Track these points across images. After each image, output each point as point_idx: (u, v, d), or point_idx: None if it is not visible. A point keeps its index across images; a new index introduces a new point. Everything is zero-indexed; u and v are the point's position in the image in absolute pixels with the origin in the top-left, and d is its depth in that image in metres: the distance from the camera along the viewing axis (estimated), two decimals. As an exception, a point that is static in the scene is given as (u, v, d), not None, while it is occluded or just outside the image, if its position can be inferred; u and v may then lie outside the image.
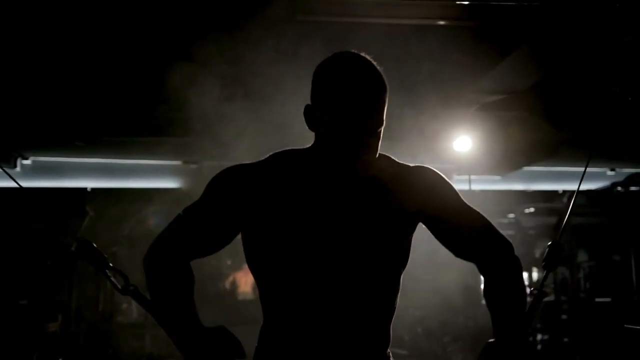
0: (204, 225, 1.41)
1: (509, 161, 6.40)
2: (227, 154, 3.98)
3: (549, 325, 6.74)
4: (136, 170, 6.68)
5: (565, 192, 7.63)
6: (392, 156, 1.51)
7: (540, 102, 4.75)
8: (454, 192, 1.51)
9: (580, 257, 7.61)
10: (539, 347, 6.76)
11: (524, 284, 1.48)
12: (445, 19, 3.57)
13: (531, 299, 1.46)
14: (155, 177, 6.82)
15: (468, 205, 1.51)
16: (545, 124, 5.15)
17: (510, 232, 6.94)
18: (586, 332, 6.24)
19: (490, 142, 5.49)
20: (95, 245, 1.42)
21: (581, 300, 7.03)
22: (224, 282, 7.44)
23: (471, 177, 5.70)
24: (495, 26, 3.62)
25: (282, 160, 1.45)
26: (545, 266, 1.51)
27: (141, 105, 4.79)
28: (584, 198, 7.15)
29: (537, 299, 1.45)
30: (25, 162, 6.27)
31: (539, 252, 7.46)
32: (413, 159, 1.56)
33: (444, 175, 1.52)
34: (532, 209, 7.62)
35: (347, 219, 1.40)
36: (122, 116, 5.08)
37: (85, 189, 6.77)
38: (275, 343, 1.43)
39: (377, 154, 1.39)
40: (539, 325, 6.70)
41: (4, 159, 5.89)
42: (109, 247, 5.80)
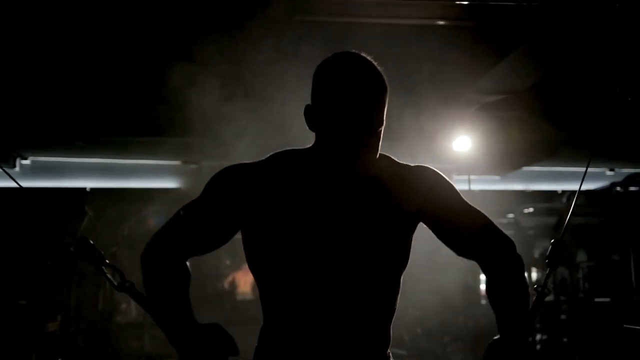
0: (202, 223, 1.41)
1: (508, 161, 6.40)
2: (227, 154, 3.97)
3: (548, 325, 6.75)
4: (136, 170, 6.67)
5: (564, 192, 7.63)
6: (392, 156, 1.51)
7: (539, 102, 4.75)
8: (455, 191, 1.51)
9: (580, 257, 7.61)
10: (538, 347, 6.77)
11: (527, 282, 1.48)
12: (444, 19, 3.57)
13: (533, 297, 1.46)
14: (155, 177, 6.81)
15: (469, 204, 1.51)
16: (545, 124, 5.15)
17: (510, 232, 6.83)
18: (585, 332, 6.24)
19: (490, 142, 5.49)
20: (92, 242, 1.42)
21: (580, 300, 7.03)
22: (223, 282, 7.45)
23: (470, 177, 5.70)
24: (495, 26, 3.63)
25: (282, 160, 1.45)
26: (548, 264, 1.52)
27: (141, 105, 4.79)
28: (583, 198, 7.13)
29: (540, 297, 1.45)
30: (25, 162, 6.26)
31: (538, 252, 7.47)
32: (412, 159, 1.55)
33: (444, 175, 1.52)
34: (531, 209, 7.62)
35: (347, 219, 1.40)
36: (121, 116, 5.08)
37: (85, 189, 6.76)
38: (276, 343, 1.43)
39: (377, 154, 1.39)
40: (538, 325, 6.70)
41: (3, 159, 5.88)
42: (108, 247, 5.79)
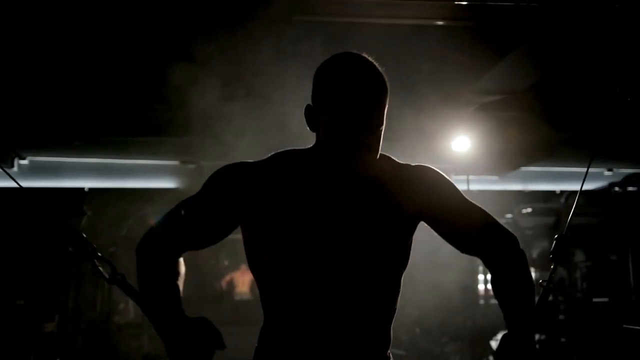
0: (199, 219, 1.41)
1: (506, 161, 6.41)
2: (226, 154, 3.96)
3: (546, 325, 6.75)
4: (134, 170, 6.67)
5: (563, 192, 7.64)
6: (392, 156, 1.51)
7: (538, 103, 4.76)
8: (455, 190, 1.51)
9: (578, 257, 7.60)
10: (537, 347, 6.75)
11: (531, 277, 1.48)
12: (444, 19, 3.58)
13: (538, 292, 1.47)
14: (154, 177, 6.81)
15: (470, 202, 1.51)
16: (544, 124, 5.16)
17: (508, 232, 6.91)
18: (583, 332, 6.24)
19: (489, 142, 5.50)
20: (84, 235, 1.42)
21: (578, 300, 7.03)
22: (222, 282, 7.44)
23: (469, 177, 5.71)
24: (494, 26, 3.63)
25: (283, 160, 1.45)
26: (553, 259, 1.52)
27: (140, 104, 4.79)
28: (582, 198, 7.13)
29: (545, 292, 1.46)
30: (23, 162, 6.25)
31: (536, 253, 7.47)
32: (412, 158, 1.55)
33: (444, 174, 1.52)
34: (529, 209, 7.63)
35: (348, 220, 1.40)
36: (120, 116, 5.07)
37: (83, 189, 6.75)
38: (276, 344, 1.43)
39: (377, 154, 1.39)
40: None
41: (1, 159, 5.88)
42: (107, 248, 5.79)
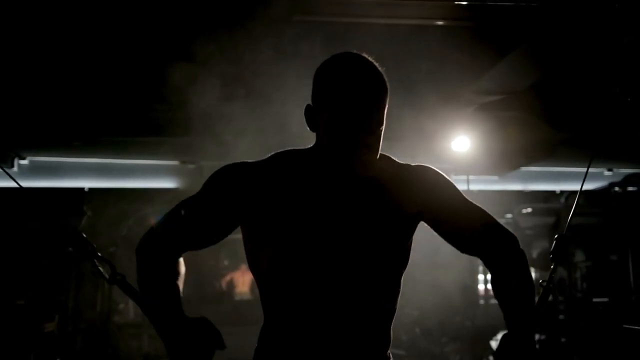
0: (199, 219, 1.41)
1: (506, 161, 6.41)
2: (226, 154, 3.96)
3: (546, 325, 6.74)
4: (134, 171, 6.66)
5: (562, 192, 7.64)
6: (392, 156, 1.51)
7: (538, 103, 4.76)
8: (456, 190, 1.51)
9: (578, 257, 7.60)
10: (537, 347, 6.75)
11: (531, 276, 1.48)
12: (444, 19, 3.58)
13: (538, 292, 1.47)
14: (154, 177, 6.80)
15: (470, 202, 1.51)
16: (544, 124, 5.16)
17: (508, 232, 6.91)
18: (583, 332, 6.24)
19: (489, 142, 5.50)
20: (84, 235, 1.42)
21: (578, 300, 7.02)
22: (222, 282, 7.44)
23: (469, 177, 5.71)
24: (494, 26, 3.63)
25: (283, 160, 1.45)
26: (553, 259, 1.52)
27: (140, 104, 4.79)
28: (582, 198, 7.14)
29: (546, 292, 1.46)
30: (23, 162, 6.25)
31: (536, 253, 7.47)
32: (411, 158, 1.55)
33: (444, 174, 1.52)
34: (529, 209, 7.63)
35: (348, 220, 1.40)
36: (120, 116, 5.07)
37: (83, 189, 6.75)
38: (276, 344, 1.42)
39: (378, 154, 1.39)
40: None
41: (1, 159, 5.87)
42: (107, 248, 5.79)
